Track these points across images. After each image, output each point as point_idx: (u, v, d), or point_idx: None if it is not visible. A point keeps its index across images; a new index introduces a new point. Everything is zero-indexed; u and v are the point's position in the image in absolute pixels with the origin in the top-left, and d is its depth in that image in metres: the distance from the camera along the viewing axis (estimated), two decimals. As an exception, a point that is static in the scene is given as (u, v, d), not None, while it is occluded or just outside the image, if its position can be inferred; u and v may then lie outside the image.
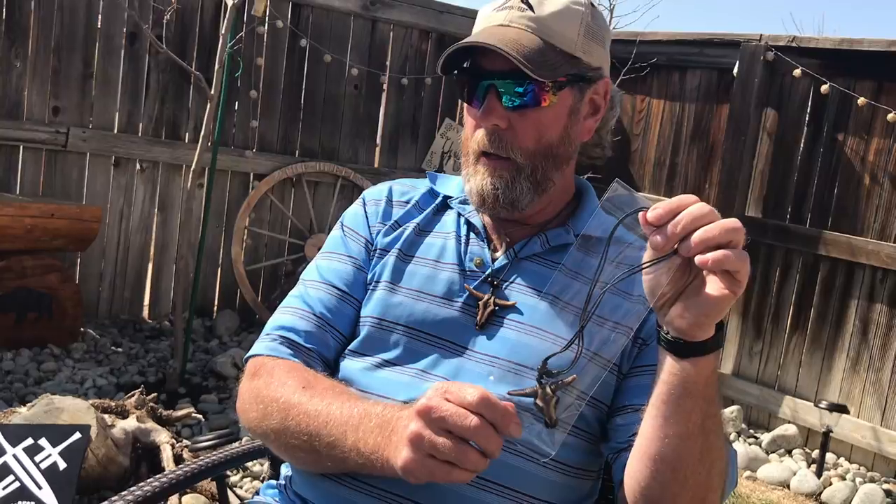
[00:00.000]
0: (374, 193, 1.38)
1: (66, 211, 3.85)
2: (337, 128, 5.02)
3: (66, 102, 4.22)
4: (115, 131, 4.37)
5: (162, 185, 4.54)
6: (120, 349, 4.07)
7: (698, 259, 0.88)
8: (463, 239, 1.27)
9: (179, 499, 2.50)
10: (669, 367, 0.97)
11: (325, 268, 1.30)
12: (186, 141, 4.53)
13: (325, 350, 1.24)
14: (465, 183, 1.24)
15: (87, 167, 4.32)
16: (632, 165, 5.02)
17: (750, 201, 4.47)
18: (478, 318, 1.19)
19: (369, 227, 1.33)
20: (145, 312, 4.59)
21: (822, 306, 4.20)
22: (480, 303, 1.19)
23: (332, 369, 1.24)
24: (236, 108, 4.67)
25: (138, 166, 4.46)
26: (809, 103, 4.27)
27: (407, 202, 1.34)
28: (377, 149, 5.24)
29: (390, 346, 1.21)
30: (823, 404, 3.95)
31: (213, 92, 3.69)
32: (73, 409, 2.54)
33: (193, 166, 3.74)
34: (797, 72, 4.13)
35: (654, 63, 4.74)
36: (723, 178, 4.47)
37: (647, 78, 4.84)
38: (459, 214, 1.30)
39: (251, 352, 1.25)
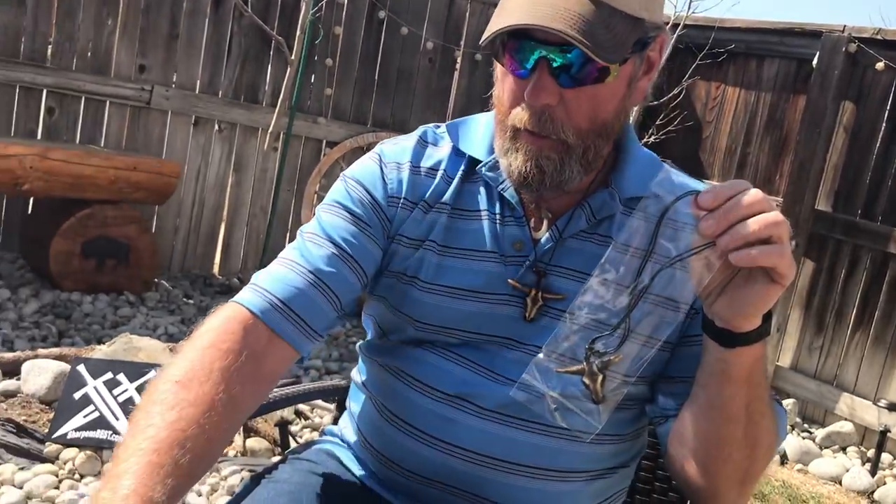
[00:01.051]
0: (395, 154, 1.19)
1: (148, 165, 4.00)
2: (409, 100, 5.09)
3: (151, 61, 4.38)
4: (197, 92, 4.52)
5: (238, 147, 4.69)
6: (191, 301, 4.23)
7: (732, 256, 0.86)
8: (498, 218, 1.13)
9: (244, 441, 2.63)
10: (713, 353, 0.96)
11: (328, 223, 1.13)
12: (264, 105, 4.66)
13: (311, 310, 1.06)
14: (502, 157, 1.08)
15: (169, 125, 4.48)
16: (702, 153, 4.99)
17: (821, 195, 4.41)
18: (526, 312, 1.10)
19: (388, 194, 1.15)
20: (216, 268, 4.76)
21: (888, 305, 4.13)
22: (528, 298, 1.10)
23: (315, 330, 1.07)
24: (313, 75, 4.78)
25: (217, 127, 4.61)
26: (891, 98, 4.18)
27: (434, 170, 1.17)
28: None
29: (438, 344, 1.13)
30: (882, 403, 3.90)
31: (293, 57, 3.80)
32: (150, 349, 2.68)
33: (271, 129, 3.86)
34: (880, 65, 4.05)
35: (732, 50, 4.69)
36: (794, 169, 4.41)
37: (724, 65, 4.79)
38: (489, 185, 1.14)
39: (236, 297, 1.09)
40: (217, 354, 0.97)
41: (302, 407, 3.02)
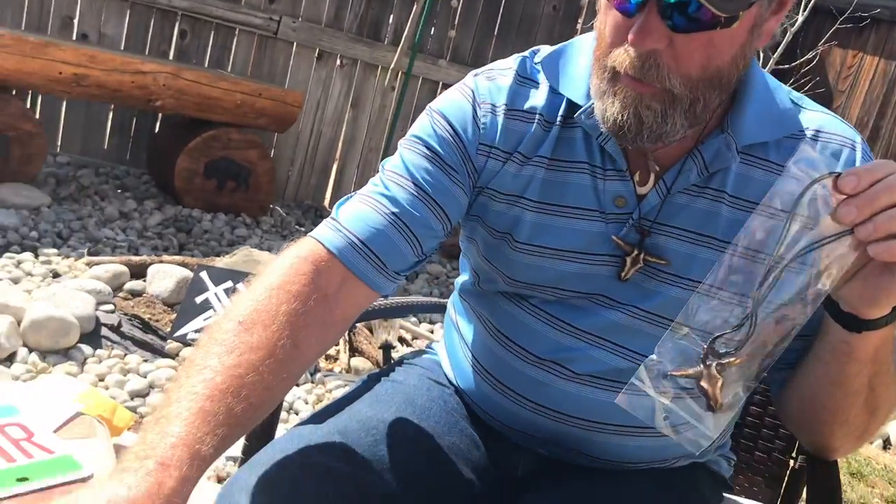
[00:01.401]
0: (490, 93, 1.06)
1: (272, 92, 4.11)
2: (529, 47, 5.03)
3: (281, -8, 4.48)
4: (322, 25, 4.59)
5: (357, 83, 4.75)
6: (302, 228, 4.35)
7: (871, 249, 0.79)
8: (599, 171, 1.03)
9: (349, 359, 2.71)
10: (837, 335, 0.92)
11: (411, 162, 1.04)
12: (385, 43, 4.70)
13: (391, 252, 1.00)
14: (597, 99, 0.97)
15: (293, 56, 4.58)
16: (830, 122, 4.78)
17: (957, 175, 4.18)
18: (623, 272, 1.02)
19: (478, 140, 1.05)
20: (327, 201, 4.87)
21: None
22: (628, 258, 1.01)
23: (396, 272, 1.02)
24: (436, 15, 4.79)
25: (338, 61, 4.68)
26: None
27: (531, 113, 1.05)
28: (565, 74, 5.22)
29: (532, 300, 1.08)
30: None
31: (420, -5, 3.82)
32: (268, 261, 2.78)
33: (392, 66, 3.90)
34: None
35: (876, 16, 4.46)
36: (931, 146, 4.19)
37: (864, 32, 4.55)
38: (588, 134, 1.03)
39: (313, 232, 1.02)
40: (285, 297, 0.91)
41: (405, 334, 3.09)
